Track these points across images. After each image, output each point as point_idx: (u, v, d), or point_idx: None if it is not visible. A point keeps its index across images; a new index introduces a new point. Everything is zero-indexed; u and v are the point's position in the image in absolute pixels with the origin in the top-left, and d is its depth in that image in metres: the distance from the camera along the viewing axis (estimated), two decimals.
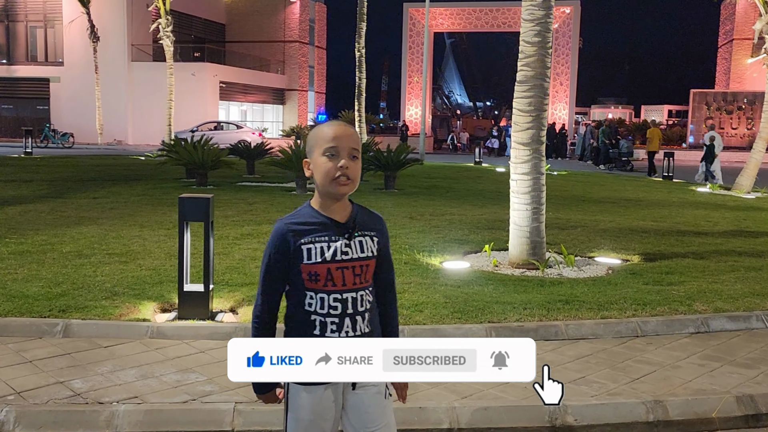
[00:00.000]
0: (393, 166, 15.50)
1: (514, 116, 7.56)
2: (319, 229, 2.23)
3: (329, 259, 2.21)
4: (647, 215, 12.11)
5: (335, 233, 2.23)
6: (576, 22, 40.88)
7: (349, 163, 2.22)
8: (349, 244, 2.23)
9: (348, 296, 2.23)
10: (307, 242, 2.21)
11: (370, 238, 2.29)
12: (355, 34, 26.44)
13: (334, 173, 2.20)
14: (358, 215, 2.30)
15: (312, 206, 2.30)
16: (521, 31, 7.46)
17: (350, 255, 2.24)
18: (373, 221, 2.34)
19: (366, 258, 2.27)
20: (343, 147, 2.22)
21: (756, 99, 35.48)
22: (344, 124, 2.30)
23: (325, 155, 2.22)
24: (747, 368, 4.83)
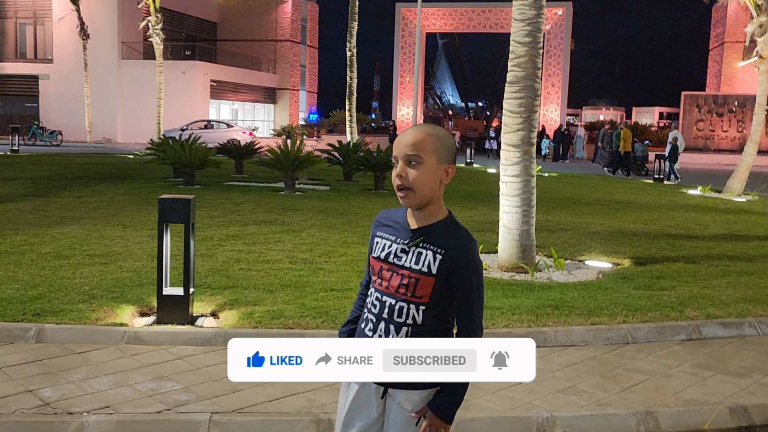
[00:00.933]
0: (382, 166, 15.34)
1: (504, 117, 7.44)
2: (392, 227, 2.21)
3: (383, 258, 2.18)
4: (638, 218, 12.02)
5: (402, 236, 2.17)
6: (568, 23, 40.85)
7: (406, 170, 2.09)
8: (407, 251, 2.14)
9: (387, 300, 2.15)
10: (379, 235, 2.23)
11: (432, 253, 2.12)
12: (347, 34, 26.27)
13: (394, 182, 2.13)
14: (437, 227, 2.15)
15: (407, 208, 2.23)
16: (512, 31, 7.34)
17: (403, 262, 2.15)
18: (451, 239, 2.13)
19: (419, 271, 2.12)
20: (399, 154, 2.12)
21: (747, 102, 35.49)
22: (417, 129, 2.15)
23: (392, 165, 2.17)
24: (740, 377, 4.71)
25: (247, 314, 5.58)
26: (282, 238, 8.91)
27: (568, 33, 41.22)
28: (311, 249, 8.21)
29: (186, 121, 34.05)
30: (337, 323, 5.40)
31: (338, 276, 6.90)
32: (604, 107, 68.12)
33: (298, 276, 6.85)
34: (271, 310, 5.69)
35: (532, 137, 7.34)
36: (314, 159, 15.21)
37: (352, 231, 9.58)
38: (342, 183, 16.84)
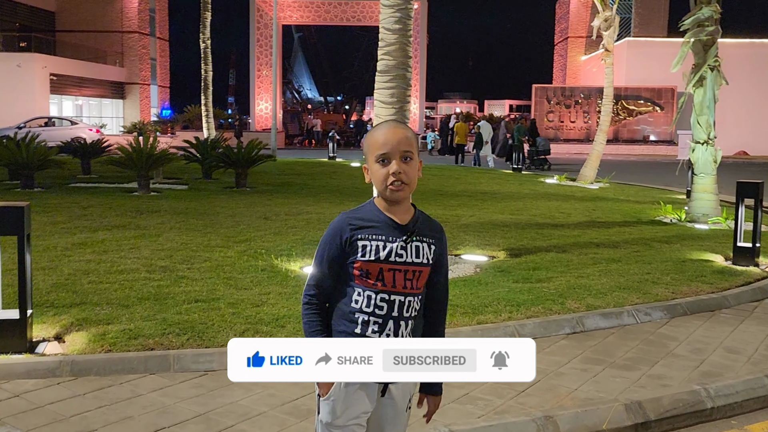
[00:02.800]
0: (244, 163, 14.65)
1: (375, 108, 7.08)
2: (378, 227, 2.19)
3: (383, 259, 2.17)
4: (504, 208, 12.13)
5: (393, 234, 2.19)
6: (423, 18, 41.42)
7: (402, 166, 2.17)
8: (405, 247, 2.19)
9: (396, 299, 2.19)
10: (363, 238, 2.18)
11: (427, 245, 2.24)
12: (200, 25, 25.10)
13: (387, 180, 2.17)
14: (418, 221, 2.25)
15: (375, 204, 2.25)
16: (381, 17, 6.98)
17: (404, 258, 2.19)
18: (432, 228, 2.29)
19: (420, 264, 2.22)
20: (394, 151, 2.18)
21: (591, 94, 37.58)
22: (396, 125, 2.24)
23: (378, 162, 2.19)
24: (628, 370, 4.62)
25: (99, 335, 4.88)
26: (137, 243, 8.12)
27: (424, 27, 41.81)
28: (171, 255, 7.50)
29: (23, 119, 31.34)
30: (204, 339, 4.83)
31: (203, 284, 6.28)
32: (458, 100, 70.00)
33: (158, 287, 6.17)
34: (128, 328, 5.01)
35: None
36: (170, 156, 14.26)
37: (215, 233, 8.92)
38: (201, 181, 15.95)
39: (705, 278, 6.91)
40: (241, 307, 5.58)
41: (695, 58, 11.29)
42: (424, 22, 41.50)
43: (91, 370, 4.43)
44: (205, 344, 4.77)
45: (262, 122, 42.13)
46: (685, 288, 6.50)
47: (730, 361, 4.83)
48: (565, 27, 50.76)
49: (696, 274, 7.05)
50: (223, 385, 4.29)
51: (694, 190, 11.27)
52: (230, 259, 7.36)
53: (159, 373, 4.45)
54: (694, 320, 5.78)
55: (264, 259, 7.38)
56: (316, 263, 2.25)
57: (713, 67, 11.08)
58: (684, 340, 5.24)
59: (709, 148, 11.02)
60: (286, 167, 21.11)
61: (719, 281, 6.81)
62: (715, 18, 11.10)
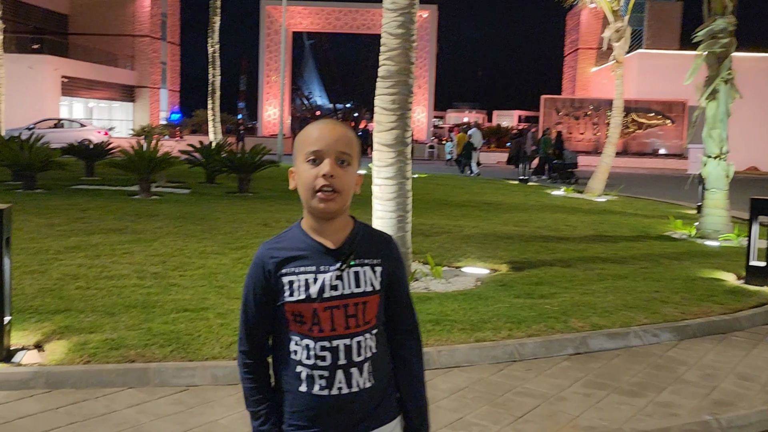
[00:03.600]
0: (247, 168, 14.47)
1: (376, 115, 6.87)
2: (304, 256, 1.76)
3: (314, 296, 1.73)
4: (509, 219, 11.88)
5: (325, 262, 1.75)
6: (433, 26, 41.30)
7: (335, 170, 1.73)
8: (340, 276, 1.74)
9: (339, 344, 1.74)
10: (288, 272, 1.75)
11: (370, 267, 1.78)
12: (208, 29, 25.02)
13: (314, 184, 1.73)
14: (357, 238, 1.79)
15: (302, 227, 1.82)
16: (383, 22, 6.78)
17: (341, 290, 1.74)
18: (376, 245, 1.82)
19: (362, 294, 1.76)
20: (329, 150, 1.73)
21: (601, 105, 37.29)
22: (334, 122, 1.80)
23: (307, 161, 1.75)
24: (634, 396, 4.36)
25: (80, 345, 4.66)
26: (131, 248, 7.91)
27: (434, 36, 41.68)
28: (164, 261, 7.30)
29: (34, 120, 31.33)
30: (188, 351, 4.60)
31: (193, 293, 6.07)
32: (467, 110, 69.89)
33: (147, 294, 5.96)
34: (110, 338, 4.80)
35: (407, 136, 6.82)
36: (172, 160, 14.09)
37: (212, 239, 8.71)
38: (204, 186, 15.78)
39: (716, 298, 6.64)
40: (230, 317, 5.35)
41: (709, 70, 11.03)
42: (433, 31, 41.37)
43: (66, 383, 4.21)
44: (188, 357, 4.54)
45: (269, 128, 42.02)
46: (695, 308, 6.23)
47: (743, 389, 4.56)
48: (576, 38, 50.54)
49: (707, 294, 6.78)
50: (204, 402, 4.06)
51: (705, 205, 10.99)
52: (224, 267, 7.14)
53: (137, 387, 4.22)
54: (705, 343, 5.51)
55: None
56: (242, 310, 1.84)
57: (727, 80, 10.82)
58: (694, 365, 4.97)
59: (722, 163, 10.75)
60: None
61: (731, 302, 6.54)
62: (729, 30, 10.84)
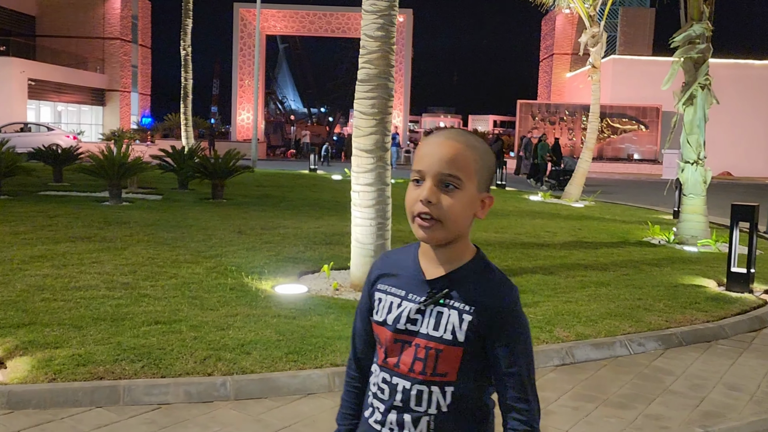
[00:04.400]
0: (220, 173, 14.20)
1: (355, 120, 6.70)
2: (398, 276, 1.55)
3: (390, 323, 1.51)
4: (488, 226, 11.77)
5: (415, 290, 1.51)
6: (409, 31, 41.23)
7: (435, 195, 1.45)
8: (422, 311, 1.48)
9: (399, 383, 1.49)
10: (381, 289, 1.57)
11: (458, 312, 1.46)
12: (181, 32, 24.65)
13: (413, 208, 1.48)
14: (461, 275, 1.49)
15: (419, 245, 1.56)
16: (363, 24, 6.62)
17: (417, 327, 1.48)
18: (482, 291, 1.47)
19: (439, 340, 1.46)
20: (430, 171, 1.46)
21: (576, 111, 37.49)
22: (448, 136, 1.49)
23: (413, 181, 1.50)
24: (623, 408, 4.24)
25: (45, 361, 4.42)
26: (100, 257, 7.65)
27: (410, 40, 41.61)
28: (135, 271, 7.05)
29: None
30: (160, 367, 4.38)
31: (166, 304, 5.84)
32: (442, 114, 69.98)
33: (116, 306, 5.72)
34: (77, 354, 4.56)
35: (387, 141, 6.66)
36: (143, 165, 13.78)
37: (184, 247, 8.47)
38: (176, 192, 15.47)
39: (699, 305, 6.57)
40: (204, 330, 5.14)
41: (686, 76, 11.03)
42: (409, 35, 41.31)
43: (30, 402, 3.97)
44: (160, 373, 4.32)
45: (243, 132, 41.63)
46: (679, 316, 6.14)
47: (731, 399, 4.46)
48: (551, 44, 50.85)
49: (690, 301, 6.70)
50: (177, 421, 3.85)
51: (683, 211, 10.97)
52: (198, 276, 6.91)
53: (106, 407, 4.00)
54: (691, 352, 5.42)
55: (234, 276, 6.95)
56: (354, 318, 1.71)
57: (704, 86, 10.83)
58: (681, 375, 4.87)
59: (699, 169, 10.74)
60: (265, 179, 20.67)
61: (714, 309, 6.47)
62: (706, 35, 10.86)
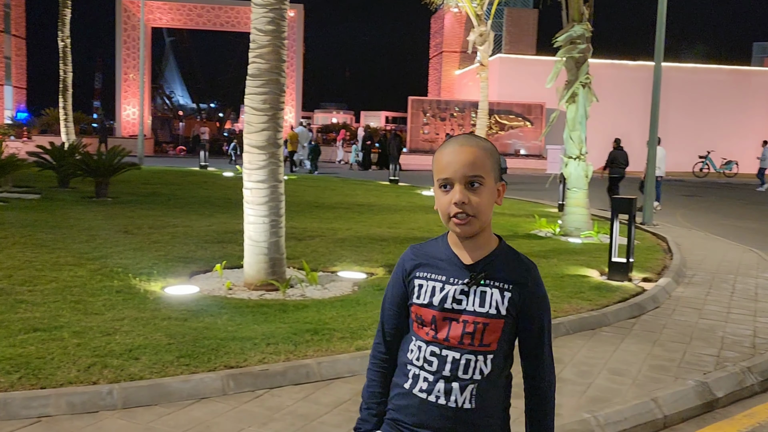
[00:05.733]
0: (105, 171, 13.58)
1: (246, 115, 6.55)
2: (437, 265, 1.79)
3: (436, 305, 1.76)
4: (382, 221, 11.85)
5: (456, 275, 1.76)
6: (300, 26, 40.91)
7: (467, 195, 1.71)
8: (466, 292, 1.74)
9: (449, 354, 1.75)
10: (421, 276, 1.80)
11: (499, 291, 1.75)
12: (58, 22, 23.38)
13: (448, 210, 1.74)
14: (495, 258, 1.77)
15: (447, 238, 1.83)
16: (252, 18, 6.48)
17: (464, 305, 1.75)
18: (514, 270, 1.77)
19: (485, 315, 1.74)
20: (456, 176, 1.72)
21: (465, 107, 38.40)
22: (464, 144, 1.75)
23: (440, 188, 1.76)
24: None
25: None
26: None
27: (301, 36, 41.29)
28: (10, 275, 6.61)
29: None
30: (40, 377, 4.12)
31: (45, 310, 5.50)
32: (334, 110, 69.96)
33: None
34: None
35: (279, 137, 6.55)
36: (18, 163, 12.99)
37: (66, 248, 8.03)
38: (56, 190, 14.68)
39: (584, 294, 6.85)
40: (88, 336, 4.88)
41: (568, 74, 11.49)
42: (300, 30, 41.01)
43: None
44: (40, 384, 4.06)
45: (129, 128, 40.07)
46: (566, 305, 6.38)
47: (616, 384, 4.67)
48: (440, 41, 51.81)
49: (575, 291, 6.98)
50: None
51: (567, 204, 11.44)
52: (81, 279, 6.56)
53: None
54: (577, 339, 5.64)
55: (120, 278, 6.65)
56: (382, 304, 1.91)
57: (585, 84, 11.31)
58: (569, 362, 5.05)
59: (581, 163, 11.22)
60: (153, 176, 19.97)
61: (597, 298, 6.76)
62: (586, 36, 11.34)
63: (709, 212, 17.41)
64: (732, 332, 6.04)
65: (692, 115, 39.52)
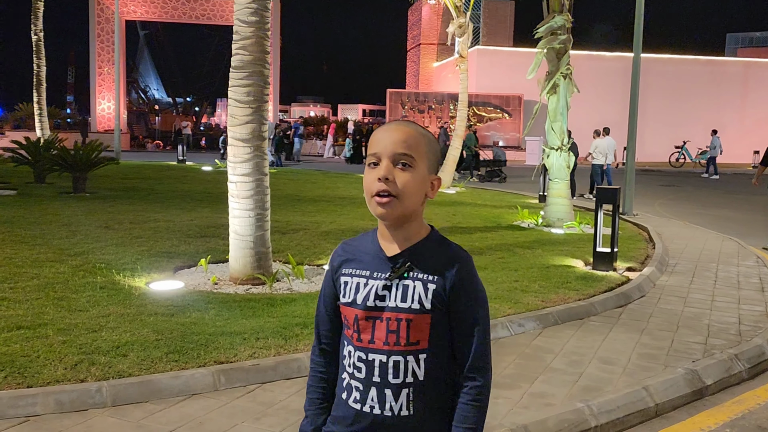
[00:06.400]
0: (82, 165, 13.39)
1: (230, 108, 6.47)
2: (361, 260, 1.65)
3: (359, 303, 1.61)
4: (365, 214, 11.80)
5: (380, 269, 1.62)
6: (277, 18, 40.62)
7: (393, 172, 1.58)
8: (388, 286, 1.59)
9: (375, 358, 1.59)
10: (346, 273, 1.66)
11: (422, 283, 1.59)
12: (31, 15, 23.02)
13: (372, 187, 1.60)
14: (421, 249, 1.62)
15: (377, 230, 1.69)
16: (235, 9, 6.40)
17: (386, 302, 1.59)
18: (440, 261, 1.61)
19: (407, 310, 1.58)
20: (385, 151, 1.60)
21: (444, 99, 38.40)
22: (399, 123, 1.64)
23: (369, 165, 1.63)
24: (509, 389, 4.34)
25: None
26: None
27: (277, 28, 41.02)
28: None
29: None
30: (26, 376, 4.04)
31: (28, 307, 5.41)
32: (311, 104, 69.70)
33: None
34: None
35: (264, 130, 6.48)
36: None
37: (46, 245, 7.91)
38: (33, 186, 14.46)
39: (570, 284, 6.88)
40: (74, 333, 4.80)
41: (549, 65, 11.52)
42: (277, 23, 40.72)
43: None
44: (26, 382, 3.98)
45: (104, 123, 39.56)
46: (554, 296, 6.40)
47: (606, 373, 4.68)
48: (418, 34, 51.73)
49: (561, 281, 7.01)
50: None
51: (549, 195, 11.48)
52: (63, 276, 6.46)
53: None
54: (566, 329, 5.65)
55: (104, 274, 6.55)
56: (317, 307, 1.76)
57: (566, 75, 11.34)
58: (559, 352, 5.06)
59: (563, 154, 11.26)
60: (131, 171, 19.74)
61: (584, 287, 6.79)
62: (567, 27, 11.37)
63: (687, 202, 17.59)
64: (717, 320, 6.10)
65: (669, 105, 39.88)
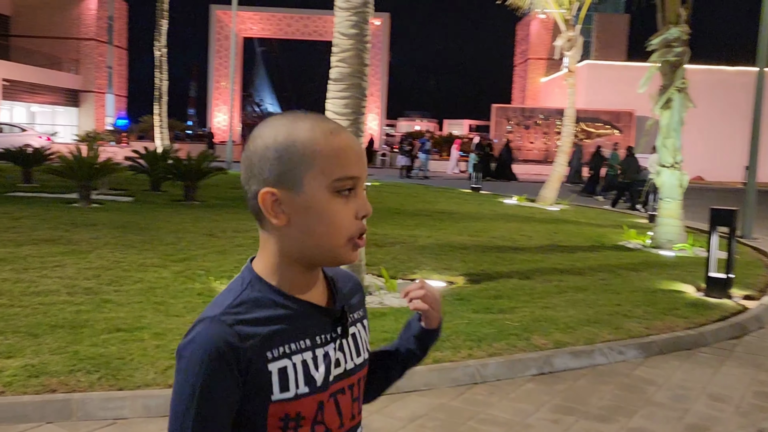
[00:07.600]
0: (193, 175, 13.91)
1: None
2: (290, 327, 1.12)
3: (320, 385, 1.13)
4: (464, 229, 11.62)
5: (318, 330, 1.15)
6: (386, 34, 41.12)
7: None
8: (341, 346, 1.18)
9: None
10: (277, 356, 1.10)
11: (361, 323, 1.26)
12: (155, 33, 24.31)
13: (350, 227, 1.11)
14: (337, 285, 1.22)
15: (267, 281, 1.14)
16: (336, 22, 6.43)
17: (345, 365, 1.18)
18: (355, 292, 1.28)
19: (363, 365, 1.23)
20: (363, 176, 1.14)
21: (550, 115, 37.58)
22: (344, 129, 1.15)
23: (337, 192, 1.10)
24: (605, 422, 4.07)
25: None
26: (64, 261, 7.36)
27: (386, 44, 41.50)
28: (99, 275, 6.78)
29: None
30: (119, 378, 4.15)
31: (129, 310, 5.59)
32: (418, 119, 70.00)
33: (76, 312, 5.46)
34: (30, 364, 4.31)
35: (361, 143, 6.46)
36: (114, 167, 13.46)
37: (153, 250, 8.21)
38: (148, 193, 15.15)
39: (678, 311, 6.45)
40: (168, 338, 4.90)
41: (663, 79, 10.96)
42: (386, 39, 41.21)
43: None
44: (118, 385, 4.09)
45: (219, 135, 41.22)
46: (659, 323, 6.01)
47: (716, 411, 4.32)
48: (526, 48, 51.03)
49: (669, 307, 6.58)
50: None
51: (660, 215, 10.90)
52: (164, 281, 6.66)
53: (58, 422, 3.76)
54: (672, 360, 5.28)
55: (202, 281, 6.71)
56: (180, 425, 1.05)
57: (680, 89, 10.77)
58: (663, 385, 4.72)
59: (676, 172, 10.68)
60: (239, 181, 20.37)
61: (694, 315, 6.35)
62: (683, 39, 10.80)
63: None
64: None
65: None
